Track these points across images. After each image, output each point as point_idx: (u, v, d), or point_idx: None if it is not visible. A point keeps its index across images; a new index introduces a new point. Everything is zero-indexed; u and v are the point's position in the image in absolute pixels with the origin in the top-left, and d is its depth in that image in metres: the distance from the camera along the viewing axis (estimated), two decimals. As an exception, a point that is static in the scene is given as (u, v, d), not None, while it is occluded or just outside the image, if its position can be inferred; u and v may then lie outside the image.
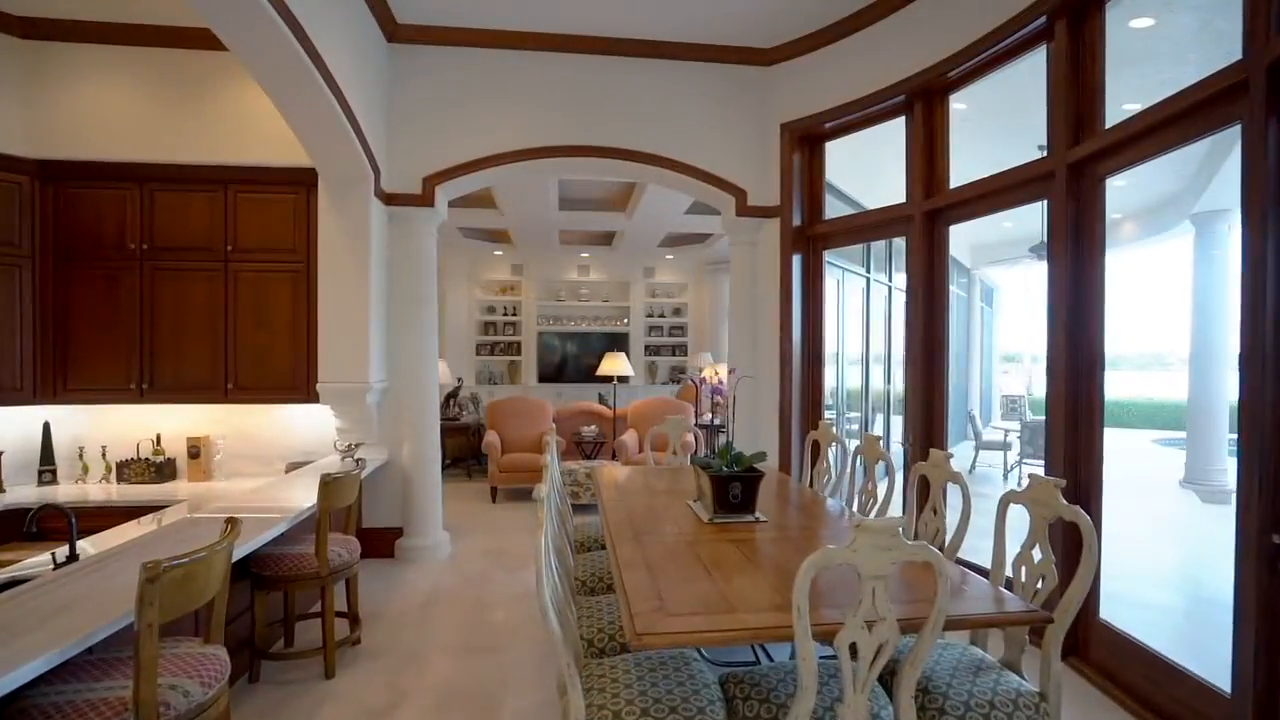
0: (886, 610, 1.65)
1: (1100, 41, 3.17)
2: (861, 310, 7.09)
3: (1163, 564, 5.67)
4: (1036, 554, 2.18)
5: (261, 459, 4.87)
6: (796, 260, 5.16)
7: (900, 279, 8.20)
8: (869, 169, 5.99)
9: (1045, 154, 3.84)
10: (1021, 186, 3.64)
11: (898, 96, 4.43)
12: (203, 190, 4.55)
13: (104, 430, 4.71)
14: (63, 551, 2.46)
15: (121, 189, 4.48)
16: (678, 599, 1.95)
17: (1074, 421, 3.26)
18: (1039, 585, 2.16)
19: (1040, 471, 8.61)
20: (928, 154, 4.32)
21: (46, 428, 4.61)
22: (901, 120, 4.59)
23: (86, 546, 2.92)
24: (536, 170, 5.28)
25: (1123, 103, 3.21)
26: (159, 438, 4.72)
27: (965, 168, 4.36)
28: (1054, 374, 3.33)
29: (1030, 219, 8.11)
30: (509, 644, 3.58)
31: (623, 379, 8.22)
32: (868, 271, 7.13)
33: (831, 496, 3.70)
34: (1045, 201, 3.46)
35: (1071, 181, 3.25)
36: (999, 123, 5.02)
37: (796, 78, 5.11)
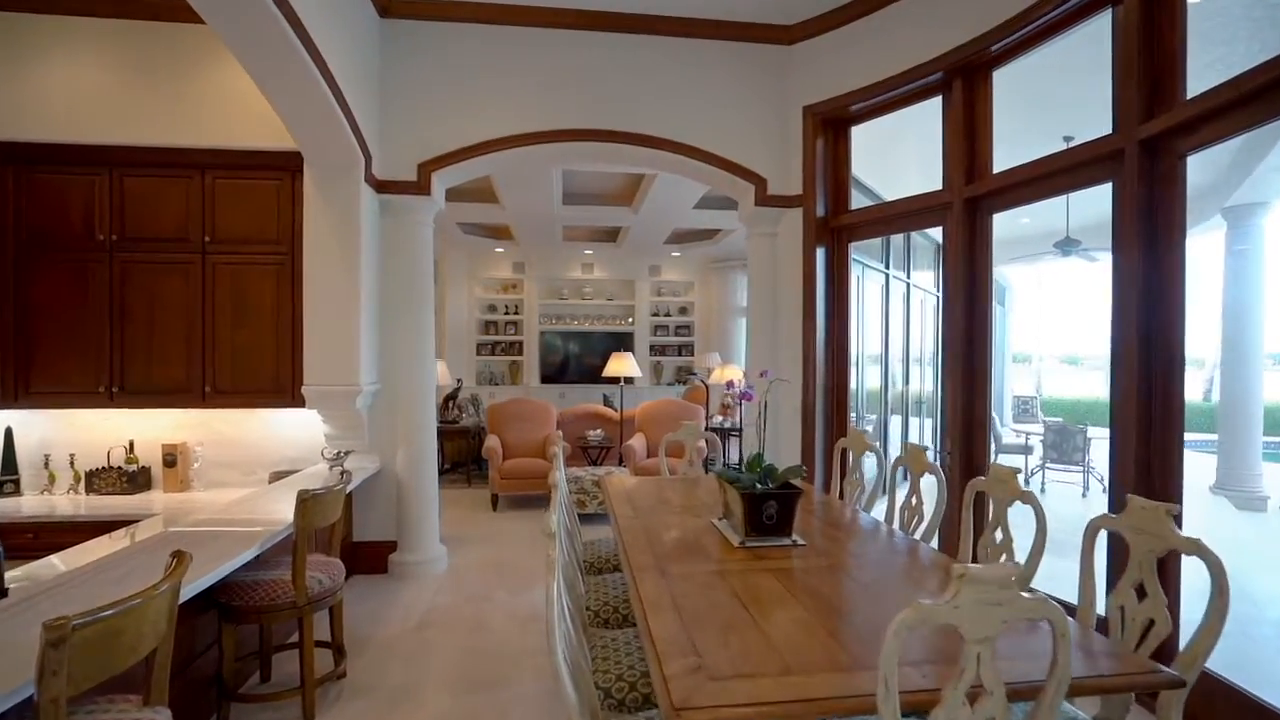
0: (996, 682, 1.29)
1: (1180, 2, 2.80)
2: (881, 308, 6.76)
3: (1205, 577, 5.31)
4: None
5: (243, 467, 4.51)
6: (820, 253, 4.80)
7: (919, 276, 7.90)
8: (887, 158, 5.64)
9: (1068, 145, 3.54)
10: (1080, 168, 3.28)
11: (934, 75, 4.07)
12: (178, 176, 4.18)
13: (72, 436, 4.35)
14: (-10, 585, 2.10)
15: (90, 174, 4.11)
16: (719, 656, 1.60)
17: (1147, 427, 2.90)
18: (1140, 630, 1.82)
19: (1064, 477, 8.16)
20: (968, 136, 3.96)
21: (9, 433, 4.25)
22: (926, 105, 4.25)
23: (56, 562, 2.62)
24: (540, 157, 4.92)
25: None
26: (132, 445, 4.36)
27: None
28: (1122, 375, 2.98)
29: (1052, 215, 7.78)
30: (512, 675, 3.22)
31: (628, 380, 7.88)
32: (886, 268, 6.80)
33: (865, 511, 3.34)
34: (1111, 185, 3.08)
35: (1144, 160, 2.88)
36: (1011, 116, 4.69)
37: (820, 57, 4.75)
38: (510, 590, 4.37)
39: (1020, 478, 8.19)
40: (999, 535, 2.47)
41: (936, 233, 8.45)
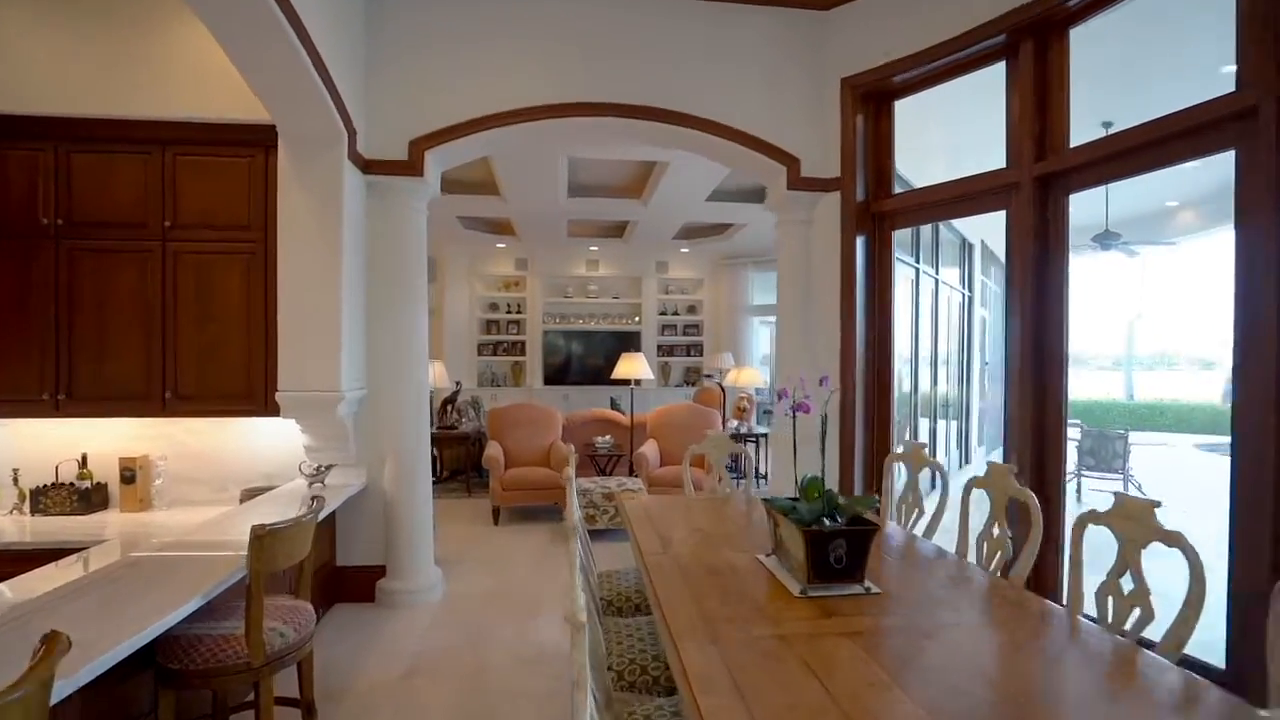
0: None
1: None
2: (911, 305, 6.28)
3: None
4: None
5: (213, 484, 4.00)
6: (860, 242, 4.29)
7: (947, 273, 7.41)
8: (911, 142, 5.11)
9: (1108, 131, 3.06)
10: (1191, 135, 2.76)
11: (995, 37, 3.56)
12: (134, 152, 3.67)
13: (16, 448, 3.84)
14: None
15: (32, 149, 3.60)
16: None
17: (1286, 445, 2.39)
18: None
19: (1101, 485, 7.61)
20: (1039, 106, 3.44)
21: (-57, 446, 3.76)
22: (960, 82, 3.86)
23: (4, 590, 2.25)
24: (547, 134, 4.42)
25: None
26: (85, 458, 3.86)
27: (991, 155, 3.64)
28: (1249, 377, 2.48)
29: (1089, 205, 7.27)
30: (515, 737, 2.72)
31: (637, 382, 7.39)
32: (918, 262, 6.31)
33: (927, 538, 2.83)
34: (1234, 153, 2.58)
35: (1284, 120, 2.38)
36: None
37: (861, 22, 4.24)
38: (514, 623, 3.86)
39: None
40: (1129, 584, 1.96)
41: (962, 225, 8.00)
